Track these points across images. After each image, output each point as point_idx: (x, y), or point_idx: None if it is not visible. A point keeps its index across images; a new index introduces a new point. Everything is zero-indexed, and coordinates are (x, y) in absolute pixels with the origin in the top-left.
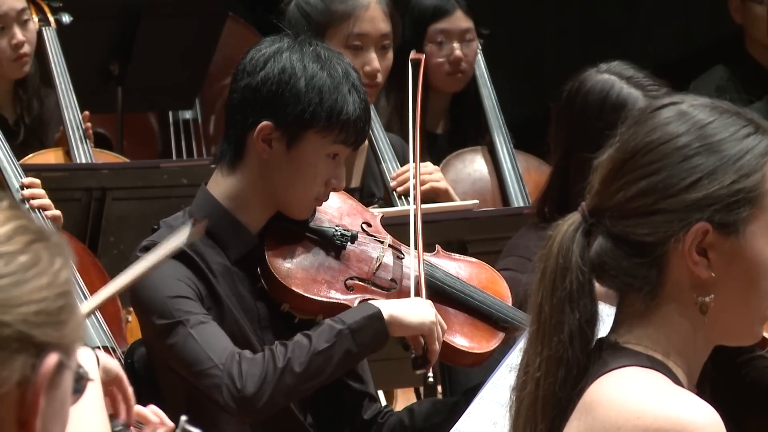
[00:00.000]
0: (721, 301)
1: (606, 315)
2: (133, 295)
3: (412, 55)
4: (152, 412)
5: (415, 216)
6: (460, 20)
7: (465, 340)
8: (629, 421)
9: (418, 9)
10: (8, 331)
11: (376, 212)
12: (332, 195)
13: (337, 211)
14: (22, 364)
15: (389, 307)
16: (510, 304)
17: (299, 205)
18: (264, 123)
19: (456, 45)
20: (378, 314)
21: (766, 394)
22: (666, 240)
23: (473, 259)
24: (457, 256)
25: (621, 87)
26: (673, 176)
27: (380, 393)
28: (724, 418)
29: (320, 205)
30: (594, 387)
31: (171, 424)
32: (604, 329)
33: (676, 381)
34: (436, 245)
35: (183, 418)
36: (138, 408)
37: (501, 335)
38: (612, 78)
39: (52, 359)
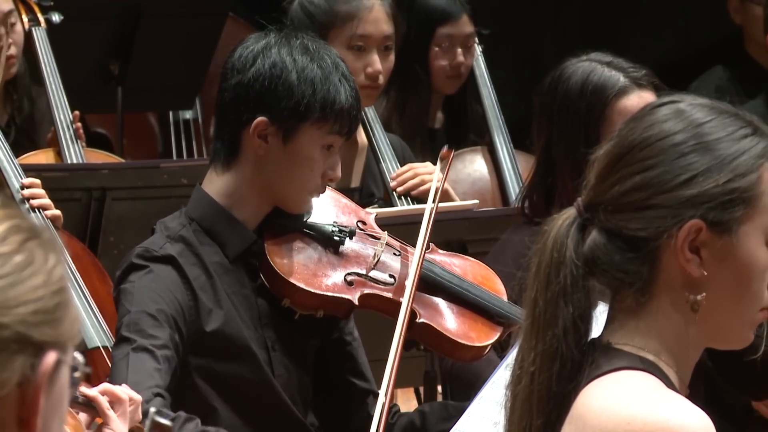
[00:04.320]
0: (712, 301)
1: (599, 312)
2: (116, 297)
3: (443, 152)
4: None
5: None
6: (465, 25)
7: (463, 333)
8: (619, 426)
9: (426, 11)
10: (7, 333)
11: (371, 211)
12: (326, 195)
13: (332, 210)
14: (22, 365)
15: None
16: (506, 300)
17: (297, 198)
18: (259, 119)
19: (459, 51)
20: None
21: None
22: (659, 235)
23: (467, 257)
24: (450, 253)
25: (602, 69)
26: (668, 172)
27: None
28: (722, 417)
29: (317, 197)
30: (585, 392)
31: (138, 397)
32: (597, 328)
33: (668, 382)
34: (430, 243)
35: (152, 409)
36: (108, 386)
37: (499, 329)
38: (592, 63)
39: (50, 358)
